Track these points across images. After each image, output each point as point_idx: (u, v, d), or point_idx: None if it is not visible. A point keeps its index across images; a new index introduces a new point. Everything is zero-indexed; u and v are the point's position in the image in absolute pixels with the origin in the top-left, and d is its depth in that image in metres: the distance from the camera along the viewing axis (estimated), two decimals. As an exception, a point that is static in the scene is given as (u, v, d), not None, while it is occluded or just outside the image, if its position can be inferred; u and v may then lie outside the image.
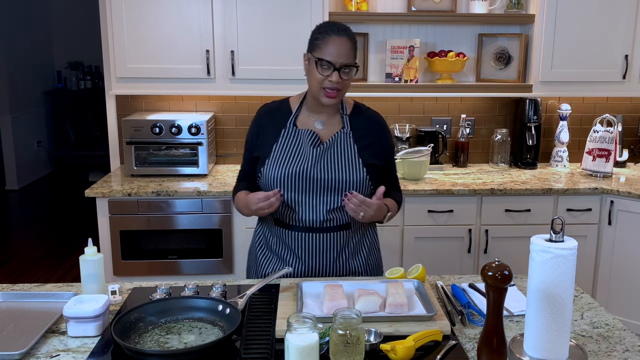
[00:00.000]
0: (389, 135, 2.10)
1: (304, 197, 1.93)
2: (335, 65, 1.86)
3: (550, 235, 1.35)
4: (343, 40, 1.87)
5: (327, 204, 1.93)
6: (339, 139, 1.97)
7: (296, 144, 1.97)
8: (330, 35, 1.88)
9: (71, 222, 5.90)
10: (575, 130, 3.81)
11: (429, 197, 3.19)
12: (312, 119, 2.01)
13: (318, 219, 1.94)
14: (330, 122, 2.01)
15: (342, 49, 1.86)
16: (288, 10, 3.24)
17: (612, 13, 3.37)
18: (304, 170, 1.91)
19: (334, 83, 1.87)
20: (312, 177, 1.91)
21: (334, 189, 1.92)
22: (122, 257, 3.18)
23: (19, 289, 1.87)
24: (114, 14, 3.22)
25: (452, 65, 3.49)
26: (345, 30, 1.90)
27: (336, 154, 1.95)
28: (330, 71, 1.87)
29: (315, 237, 1.96)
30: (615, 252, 3.26)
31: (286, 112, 2.03)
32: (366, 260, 2.07)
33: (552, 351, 1.37)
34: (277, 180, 1.93)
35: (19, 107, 7.05)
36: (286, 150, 1.96)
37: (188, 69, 3.30)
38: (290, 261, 2.00)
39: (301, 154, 1.95)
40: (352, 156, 1.96)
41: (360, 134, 2.00)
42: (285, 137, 1.98)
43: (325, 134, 1.99)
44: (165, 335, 1.54)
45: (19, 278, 4.48)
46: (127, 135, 3.30)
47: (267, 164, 1.96)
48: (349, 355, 1.34)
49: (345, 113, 2.02)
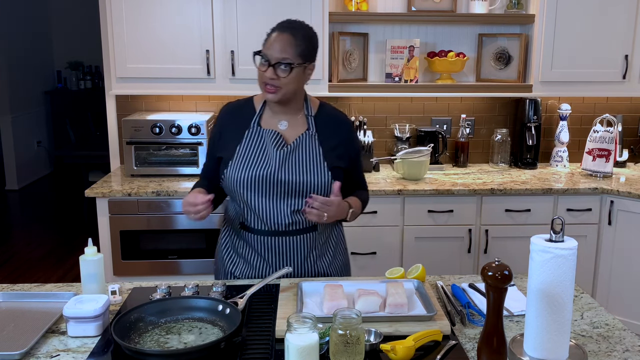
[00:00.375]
0: (355, 135, 2.09)
1: (269, 200, 1.90)
2: (270, 60, 1.83)
3: (550, 235, 1.35)
4: (284, 36, 1.84)
5: (291, 206, 1.90)
6: (304, 141, 1.93)
7: (260, 145, 1.92)
8: (274, 31, 1.87)
9: (71, 222, 5.90)
10: (575, 130, 3.81)
11: (429, 197, 3.19)
12: (275, 119, 1.97)
13: (283, 222, 1.91)
14: (294, 123, 1.97)
15: (280, 44, 1.83)
16: (288, 10, 3.23)
17: (612, 13, 3.37)
18: (268, 174, 1.88)
19: (269, 79, 1.84)
20: (277, 181, 1.88)
21: (299, 192, 1.89)
22: (122, 257, 3.18)
23: (19, 289, 1.87)
24: (114, 14, 3.22)
25: (452, 65, 3.49)
26: (293, 28, 1.87)
27: (301, 157, 1.91)
28: (265, 66, 1.85)
29: (281, 240, 1.93)
30: (615, 252, 3.26)
31: (250, 112, 1.99)
32: (332, 261, 2.06)
33: (552, 351, 1.37)
34: (241, 183, 1.89)
35: (19, 107, 7.05)
36: (250, 152, 1.92)
37: (188, 69, 3.30)
38: (257, 264, 1.97)
39: (265, 156, 1.90)
40: (317, 159, 1.92)
41: (326, 136, 1.96)
42: (249, 138, 1.94)
43: (290, 135, 1.94)
44: (165, 335, 1.54)
45: (19, 278, 4.48)
46: (127, 135, 3.30)
47: (230, 166, 1.91)
48: (349, 355, 1.34)
49: (310, 114, 1.98)
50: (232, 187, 1.91)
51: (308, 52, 1.89)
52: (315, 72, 3.26)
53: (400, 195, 3.18)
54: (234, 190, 1.92)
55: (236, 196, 1.94)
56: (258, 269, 1.98)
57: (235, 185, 1.90)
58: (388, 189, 3.15)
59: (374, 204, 3.17)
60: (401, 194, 3.16)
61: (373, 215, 3.19)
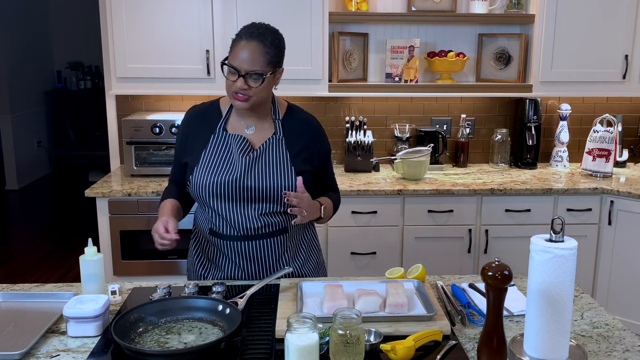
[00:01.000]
0: (323, 137, 2.02)
1: (236, 205, 1.87)
2: (239, 71, 1.77)
3: (550, 235, 1.35)
4: (252, 45, 1.77)
5: (259, 210, 1.87)
6: (271, 145, 1.89)
7: (226, 150, 1.88)
8: (241, 39, 1.79)
9: (71, 222, 5.90)
10: (575, 130, 3.81)
11: (429, 197, 3.19)
12: (242, 123, 1.92)
13: (252, 226, 1.88)
14: (262, 126, 1.92)
15: (249, 54, 1.76)
16: (288, 10, 3.24)
17: (612, 13, 3.37)
18: (233, 180, 1.84)
19: (239, 89, 1.79)
20: (242, 187, 1.84)
21: (266, 197, 1.87)
22: (122, 257, 3.18)
23: (19, 289, 1.87)
24: (114, 14, 3.22)
25: (452, 65, 3.49)
26: (261, 35, 1.79)
27: (268, 162, 1.87)
28: (235, 77, 1.78)
29: (252, 244, 1.91)
30: (615, 252, 3.26)
31: (216, 115, 1.94)
32: (304, 262, 2.03)
33: (552, 351, 1.37)
34: (206, 190, 1.85)
35: (19, 107, 7.05)
36: (215, 158, 1.88)
37: (188, 69, 3.30)
38: (229, 268, 1.95)
39: (231, 162, 1.86)
40: (284, 164, 1.88)
41: (293, 140, 1.92)
42: (214, 143, 1.89)
43: (257, 140, 1.90)
44: (165, 335, 1.54)
45: (19, 278, 4.48)
46: (127, 135, 3.30)
47: (195, 172, 1.88)
48: (349, 355, 1.34)
49: (278, 118, 1.93)
50: (198, 194, 1.89)
51: (277, 58, 1.83)
52: (315, 72, 3.31)
53: (400, 195, 3.18)
54: (201, 197, 1.89)
55: (203, 202, 1.91)
56: (230, 272, 1.96)
57: (201, 192, 1.87)
58: (388, 189, 3.15)
59: (374, 204, 3.17)
60: (401, 194, 3.16)
61: (373, 215, 3.19)
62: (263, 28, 1.82)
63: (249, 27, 1.82)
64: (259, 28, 1.82)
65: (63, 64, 7.95)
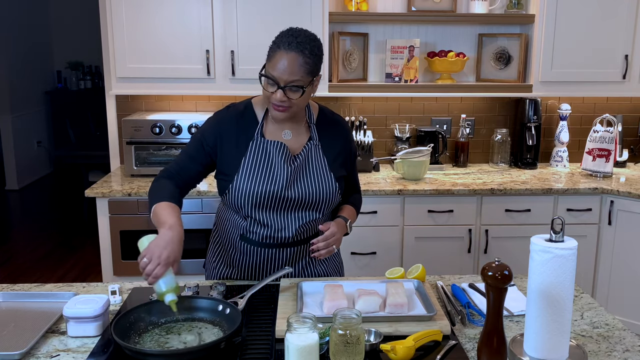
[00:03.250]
0: (352, 139, 2.04)
1: (276, 215, 1.86)
2: (278, 83, 1.71)
3: (550, 235, 1.35)
4: (291, 56, 1.70)
5: (300, 219, 1.87)
6: (310, 153, 1.88)
7: (266, 157, 1.84)
8: (279, 49, 1.72)
9: (71, 222, 5.90)
10: (575, 130, 3.81)
11: (429, 197, 3.19)
12: (279, 128, 1.88)
13: (289, 235, 1.87)
14: (298, 131, 1.90)
15: (289, 66, 1.70)
16: (288, 10, 3.23)
17: (612, 13, 3.37)
18: (277, 190, 1.82)
19: (279, 101, 1.74)
20: (286, 197, 1.83)
21: (307, 206, 1.86)
22: (122, 257, 3.18)
23: (19, 289, 1.87)
24: (114, 14, 3.22)
25: (452, 65, 3.49)
26: (300, 44, 1.71)
27: (309, 171, 1.86)
28: (274, 88, 1.73)
29: (284, 251, 1.91)
30: (615, 252, 3.25)
31: (251, 120, 1.88)
32: (329, 263, 2.05)
33: (552, 351, 1.37)
34: (249, 199, 1.82)
35: (19, 107, 7.05)
36: (257, 166, 1.83)
37: (188, 69, 3.30)
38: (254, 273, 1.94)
39: (273, 171, 1.83)
40: (324, 171, 1.88)
41: (328, 144, 1.91)
42: (254, 151, 1.84)
43: (294, 145, 1.88)
44: (165, 335, 1.54)
45: (19, 278, 4.47)
46: (127, 135, 3.30)
47: (236, 180, 1.83)
48: (349, 355, 1.34)
49: (312, 122, 1.91)
50: (239, 202, 1.84)
51: (316, 66, 1.77)
52: (315, 72, 3.30)
53: (400, 195, 3.18)
54: (241, 205, 1.85)
55: (241, 210, 1.87)
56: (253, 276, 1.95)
57: (242, 201, 1.83)
58: (388, 189, 3.15)
59: (374, 204, 3.17)
60: (401, 194, 3.16)
61: (373, 215, 3.19)
62: (302, 36, 1.74)
63: (288, 36, 1.73)
64: (297, 37, 1.73)
65: (63, 64, 7.95)
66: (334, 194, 1.89)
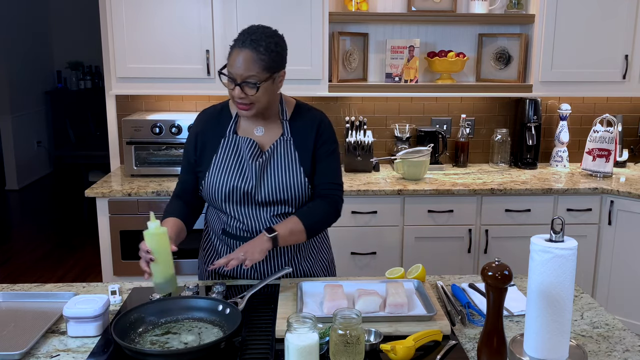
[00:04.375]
0: (326, 132, 1.94)
1: (249, 209, 1.88)
2: (235, 79, 1.75)
3: (550, 235, 1.35)
4: (245, 53, 1.73)
5: (271, 212, 1.89)
6: (279, 147, 1.89)
7: (236, 154, 1.88)
8: (234, 47, 1.77)
9: (71, 222, 5.90)
10: (575, 130, 3.81)
11: (429, 197, 3.19)
12: (252, 125, 1.92)
13: (264, 227, 1.89)
14: (270, 127, 1.92)
15: (243, 63, 1.73)
16: (288, 10, 3.24)
17: (612, 13, 3.37)
18: (244, 187, 1.85)
19: (238, 97, 1.77)
20: (255, 193, 1.85)
21: (278, 201, 1.88)
22: (122, 257, 3.18)
23: (19, 289, 1.87)
24: (114, 14, 3.22)
25: (452, 65, 3.49)
26: (254, 41, 1.74)
27: (277, 166, 1.87)
28: (233, 85, 1.77)
29: None
30: (615, 252, 3.25)
31: (226, 118, 1.93)
32: (315, 261, 2.04)
33: (552, 351, 1.37)
34: (219, 194, 1.87)
35: (19, 107, 7.05)
36: (226, 163, 1.88)
37: (188, 69, 3.30)
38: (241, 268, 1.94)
39: (242, 167, 1.86)
40: (293, 166, 1.88)
41: (301, 139, 1.91)
42: (225, 148, 1.89)
43: (266, 141, 1.90)
44: (165, 335, 1.54)
45: (19, 278, 4.47)
46: (127, 135, 3.30)
47: (207, 176, 1.88)
48: (349, 355, 1.34)
49: (285, 118, 1.92)
50: (211, 197, 1.90)
51: (275, 62, 1.78)
52: (315, 72, 3.31)
53: (400, 195, 3.18)
54: (213, 201, 1.91)
55: (216, 205, 1.93)
56: (242, 272, 1.96)
57: (213, 196, 1.89)
58: (388, 189, 3.15)
59: (374, 204, 3.17)
60: (401, 194, 3.16)
61: (373, 215, 3.19)
62: (258, 33, 1.77)
63: (244, 34, 1.78)
64: (252, 34, 1.76)
65: (63, 64, 7.95)
66: (303, 189, 1.89)
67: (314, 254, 2.04)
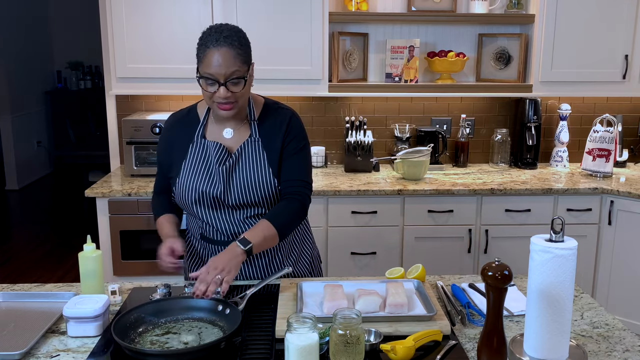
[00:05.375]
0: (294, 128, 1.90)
1: (220, 213, 1.87)
2: (218, 80, 1.72)
3: (550, 235, 1.35)
4: (223, 51, 1.71)
5: (243, 214, 1.88)
6: (247, 149, 1.86)
7: (205, 159, 1.86)
8: (208, 48, 1.72)
9: (71, 222, 5.90)
10: (575, 130, 3.81)
11: (429, 197, 3.19)
12: (220, 127, 1.89)
13: (239, 230, 1.88)
14: (240, 129, 1.88)
15: (224, 60, 1.70)
16: (288, 10, 3.23)
17: (612, 13, 3.37)
18: (213, 192, 1.83)
19: (224, 98, 1.74)
20: (224, 197, 1.84)
21: (248, 203, 1.86)
22: (122, 257, 3.18)
23: (19, 289, 1.87)
24: (114, 14, 3.22)
25: (452, 65, 3.49)
26: (227, 37, 1.72)
27: (245, 168, 1.85)
28: (215, 86, 1.73)
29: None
30: (615, 252, 3.25)
31: (194, 122, 1.91)
32: (298, 256, 2.04)
33: (552, 351, 1.37)
34: (189, 200, 1.86)
35: (19, 107, 7.05)
36: (195, 168, 1.86)
37: (188, 69, 3.28)
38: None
39: (209, 172, 1.85)
40: (261, 167, 1.85)
41: (269, 139, 1.87)
42: (193, 153, 1.87)
43: (235, 144, 1.87)
44: (165, 335, 1.54)
45: (19, 278, 4.47)
46: (127, 135, 3.30)
47: (178, 182, 1.88)
48: (349, 355, 1.34)
49: (253, 119, 1.88)
50: (183, 203, 1.90)
51: (249, 55, 1.79)
52: (315, 72, 3.32)
53: (400, 195, 3.18)
54: (186, 206, 1.91)
55: (189, 210, 1.93)
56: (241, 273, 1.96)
57: (185, 202, 1.89)
58: (388, 189, 3.15)
59: (374, 204, 3.17)
60: (401, 194, 3.16)
61: (373, 215, 3.19)
62: (227, 30, 1.76)
63: (213, 33, 1.75)
64: (222, 32, 1.74)
65: (63, 64, 7.95)
66: (272, 190, 1.86)
67: (297, 250, 2.03)
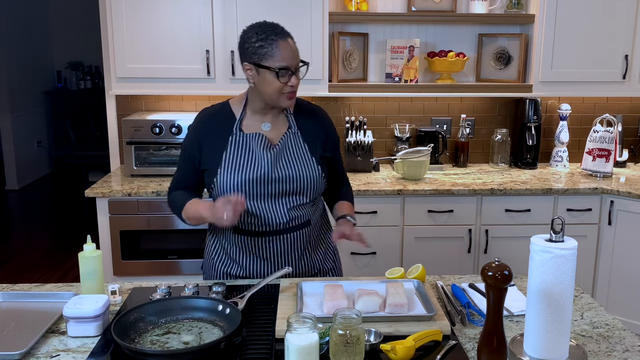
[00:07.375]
0: (333, 126, 2.08)
1: (264, 201, 1.89)
2: (292, 69, 1.82)
3: (550, 235, 1.35)
4: (290, 41, 1.83)
5: (287, 204, 1.90)
6: (289, 140, 1.93)
7: (247, 149, 1.90)
8: (277, 41, 1.80)
9: (71, 222, 5.90)
10: (575, 130, 3.81)
11: (429, 197, 3.19)
12: (257, 121, 1.94)
13: (281, 221, 1.90)
14: (277, 122, 1.95)
15: (294, 50, 1.84)
16: (288, 10, 3.23)
17: (612, 13, 3.37)
18: (261, 175, 1.86)
19: (296, 85, 1.85)
20: (270, 180, 1.87)
21: (293, 190, 1.90)
22: (122, 257, 3.18)
23: (19, 289, 1.87)
24: (114, 14, 3.22)
25: (452, 65, 3.49)
26: (284, 30, 1.85)
27: (290, 156, 1.91)
28: (288, 77, 1.82)
29: (279, 238, 1.92)
30: (615, 252, 3.26)
31: (229, 117, 1.95)
32: (325, 254, 2.08)
33: (552, 351, 1.38)
34: (234, 188, 1.87)
35: (19, 107, 7.05)
36: (238, 158, 1.89)
37: (188, 69, 3.30)
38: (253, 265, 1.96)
39: (255, 159, 1.88)
40: (305, 156, 1.93)
41: (308, 132, 1.97)
42: (234, 144, 1.90)
43: (274, 136, 1.93)
44: (165, 335, 1.54)
45: (19, 278, 4.48)
46: (127, 135, 3.30)
47: (220, 173, 1.89)
48: (349, 355, 1.34)
49: (290, 112, 1.97)
50: (224, 194, 1.88)
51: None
52: (315, 72, 3.32)
53: (400, 195, 3.18)
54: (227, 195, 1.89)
55: None
56: (253, 270, 1.97)
57: (228, 191, 1.88)
58: (388, 189, 3.15)
59: (374, 204, 3.17)
60: (401, 194, 3.16)
61: (373, 215, 3.19)
62: (277, 26, 1.86)
63: (271, 27, 1.83)
64: (275, 26, 1.85)
65: (63, 64, 7.94)
66: (317, 177, 1.93)
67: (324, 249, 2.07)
